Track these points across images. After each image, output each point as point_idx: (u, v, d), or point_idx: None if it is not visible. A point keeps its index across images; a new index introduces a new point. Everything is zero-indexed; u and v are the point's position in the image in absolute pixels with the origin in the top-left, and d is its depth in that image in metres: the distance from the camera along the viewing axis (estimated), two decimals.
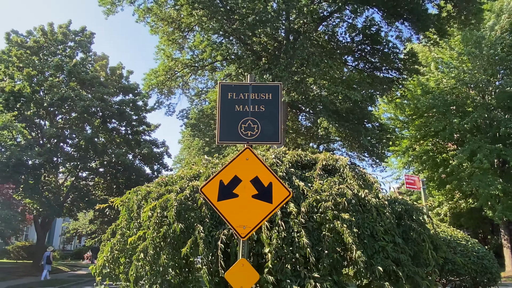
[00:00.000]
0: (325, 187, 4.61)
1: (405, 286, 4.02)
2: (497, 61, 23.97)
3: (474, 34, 23.86)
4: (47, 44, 26.75)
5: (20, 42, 25.80)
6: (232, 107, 4.02)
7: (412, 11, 20.26)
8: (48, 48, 26.87)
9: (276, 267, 3.90)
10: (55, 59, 25.75)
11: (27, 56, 25.12)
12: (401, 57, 23.08)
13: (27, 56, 25.14)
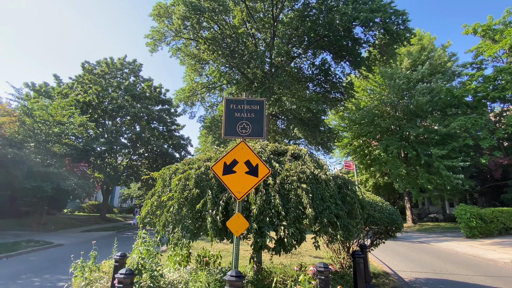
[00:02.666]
0: (292, 167, 4.61)
1: (340, 231, 4.06)
2: (402, 89, 24.25)
3: (388, 71, 24.13)
4: (109, 70, 26.25)
5: (90, 69, 25.33)
6: (233, 114, 4.01)
7: (351, 54, 20.32)
8: (110, 73, 26.39)
9: (259, 218, 3.91)
10: (115, 81, 25.35)
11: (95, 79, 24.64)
12: (344, 85, 23.21)
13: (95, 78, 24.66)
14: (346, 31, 18.46)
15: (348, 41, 19.51)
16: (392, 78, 24.23)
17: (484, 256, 11.08)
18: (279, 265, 5.88)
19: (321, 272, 3.40)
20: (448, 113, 24.84)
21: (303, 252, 9.89)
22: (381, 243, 6.82)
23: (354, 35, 19.15)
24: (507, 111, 24.22)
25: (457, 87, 25.76)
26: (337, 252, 6.86)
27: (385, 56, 19.86)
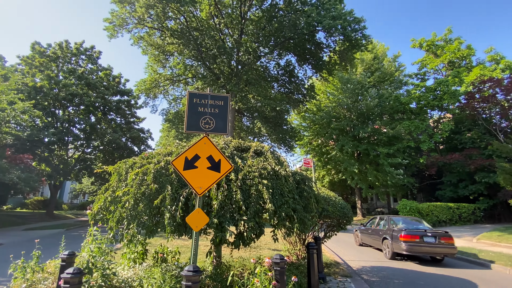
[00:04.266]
0: (254, 163, 4.65)
1: (297, 224, 4.22)
2: (356, 93, 25.86)
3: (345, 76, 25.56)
4: (63, 54, 23.75)
5: (41, 51, 22.63)
6: (196, 108, 3.90)
7: (314, 58, 21.09)
8: (64, 58, 23.88)
9: (219, 213, 3.89)
10: (69, 67, 23.03)
11: (47, 62, 22.14)
12: (306, 87, 24.01)
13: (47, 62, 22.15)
14: (310, 35, 19.08)
15: (311, 45, 20.20)
16: (348, 83, 25.72)
17: None
18: (239, 259, 5.93)
19: (277, 264, 3.50)
20: (396, 117, 27.17)
21: (262, 245, 10.09)
22: (334, 235, 7.25)
23: (317, 40, 19.89)
24: (443, 118, 27.24)
25: (403, 95, 28.28)
26: (293, 245, 7.12)
27: (344, 62, 20.97)
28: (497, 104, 21.58)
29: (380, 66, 27.77)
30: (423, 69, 31.60)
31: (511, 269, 7.68)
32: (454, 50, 29.11)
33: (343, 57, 20.18)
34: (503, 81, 21.46)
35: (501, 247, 11.12)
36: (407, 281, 6.54)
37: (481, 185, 20.99)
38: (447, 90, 24.82)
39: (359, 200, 30.37)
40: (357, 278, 6.32)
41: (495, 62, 27.56)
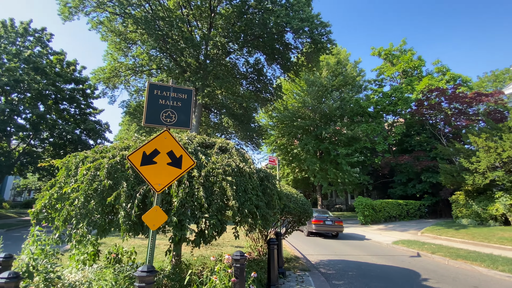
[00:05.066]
0: (219, 160, 4.57)
1: (260, 220, 4.24)
2: (320, 95, 26.95)
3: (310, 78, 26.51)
4: (6, 34, 20.98)
5: None
6: (157, 100, 3.69)
7: (282, 58, 21.39)
8: (8, 38, 21.09)
9: (180, 211, 3.74)
10: (14, 48, 20.41)
11: None
12: (274, 87, 24.31)
13: None
14: (279, 35, 19.32)
15: (280, 45, 20.45)
16: (313, 85, 26.70)
17: (373, 239, 13.34)
18: (199, 257, 5.80)
19: (237, 260, 3.48)
20: (355, 120, 28.84)
21: (225, 243, 10.03)
22: (295, 230, 7.46)
23: (286, 40, 20.20)
24: (397, 122, 29.56)
25: (363, 99, 30.13)
26: (256, 241, 7.19)
27: (310, 64, 21.58)
28: (441, 112, 24.00)
29: (343, 71, 29.20)
30: (381, 76, 34.00)
31: (434, 255, 8.67)
32: (407, 60, 31.75)
33: (310, 59, 20.74)
34: (447, 91, 23.92)
35: (441, 240, 12.43)
36: (360, 273, 6.98)
37: (426, 184, 23.24)
38: (401, 97, 27.01)
39: (319, 197, 31.71)
40: (315, 272, 6.58)
41: (442, 73, 30.64)
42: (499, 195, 14.05)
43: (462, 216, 15.82)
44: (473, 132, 17.37)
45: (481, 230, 12.75)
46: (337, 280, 6.27)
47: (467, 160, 15.34)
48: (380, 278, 6.51)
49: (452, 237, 12.38)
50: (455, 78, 29.00)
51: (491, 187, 14.96)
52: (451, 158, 19.67)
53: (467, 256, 8.49)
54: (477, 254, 8.86)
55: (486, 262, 7.64)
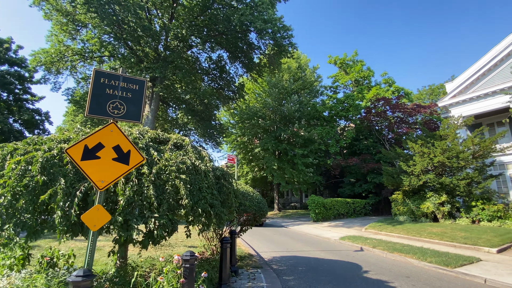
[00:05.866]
0: (173, 157, 4.36)
1: (213, 219, 4.16)
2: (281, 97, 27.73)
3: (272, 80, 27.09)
4: None
5: None
6: (103, 89, 3.36)
7: (245, 57, 21.41)
8: None
9: (126, 211, 3.48)
10: None
11: None
12: (236, 85, 24.21)
13: None
14: (242, 33, 19.28)
15: (243, 44, 20.43)
16: (274, 87, 27.33)
17: (322, 235, 14.09)
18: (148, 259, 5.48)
19: (187, 261, 3.36)
20: (311, 123, 30.25)
21: (178, 243, 9.68)
22: (249, 228, 7.51)
23: (249, 40, 20.24)
24: (348, 127, 31.72)
25: (319, 103, 31.72)
26: (210, 240, 7.06)
27: (273, 66, 22.00)
28: (386, 119, 26.41)
29: (302, 76, 30.37)
30: (336, 83, 36.16)
31: (374, 249, 9.54)
32: (358, 71, 34.29)
33: (272, 61, 21.12)
34: (392, 101, 26.40)
35: (382, 235, 13.64)
36: (309, 268, 7.31)
37: (371, 184, 25.37)
38: (352, 104, 29.06)
39: (276, 196, 32.55)
40: (267, 269, 6.70)
41: (388, 84, 33.70)
42: (430, 195, 15.94)
43: (399, 213, 17.60)
44: (411, 138, 19.44)
45: (415, 226, 14.32)
46: (288, 275, 6.47)
47: (405, 164, 17.12)
48: (327, 272, 6.90)
49: (390, 233, 13.69)
50: (398, 90, 32.17)
51: (424, 188, 16.91)
52: (393, 161, 21.77)
53: (402, 250, 9.45)
54: (410, 247, 9.91)
55: (417, 255, 8.59)
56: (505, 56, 17.98)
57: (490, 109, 18.36)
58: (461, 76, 20.17)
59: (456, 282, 6.17)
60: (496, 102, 17.85)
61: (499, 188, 18.05)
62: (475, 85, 19.41)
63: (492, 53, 18.58)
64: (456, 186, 14.90)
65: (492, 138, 15.21)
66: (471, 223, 13.91)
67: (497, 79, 18.25)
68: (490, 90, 18.08)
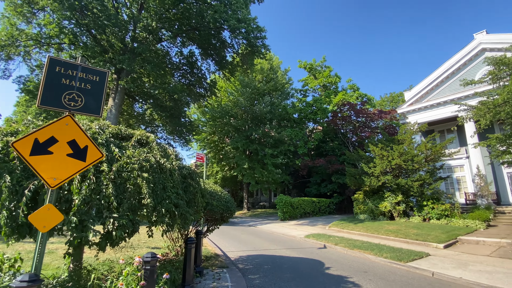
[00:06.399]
0: (136, 154, 4.16)
1: (178, 220, 4.05)
2: (253, 98, 27.92)
3: (245, 80, 27.16)
4: None
5: None
6: (58, 79, 3.09)
7: (218, 55, 21.14)
8: None
9: (81, 211, 3.25)
10: None
11: None
12: (208, 82, 23.79)
13: None
14: (216, 31, 19.02)
15: (216, 41, 20.15)
16: (247, 87, 27.41)
17: (289, 234, 14.42)
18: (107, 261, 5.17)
19: (148, 262, 3.23)
20: (282, 124, 30.82)
21: (141, 244, 9.27)
22: (216, 228, 7.43)
23: (222, 38, 20.03)
24: (316, 129, 32.85)
25: (289, 105, 32.44)
26: (175, 241, 6.86)
27: (245, 65, 21.99)
28: (351, 123, 27.81)
29: (274, 77, 30.81)
30: (306, 87, 37.28)
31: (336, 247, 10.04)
32: (326, 76, 35.71)
33: (245, 61, 21.10)
34: (356, 106, 27.85)
35: (344, 233, 14.33)
36: (274, 266, 7.43)
37: (336, 185, 26.53)
38: (320, 107, 30.17)
39: (246, 195, 32.62)
40: (233, 268, 6.69)
41: (353, 90, 35.49)
42: (387, 195, 17.10)
43: (360, 212, 18.63)
44: (373, 142, 20.69)
45: (373, 224, 15.27)
46: (253, 274, 6.52)
47: (367, 165, 18.17)
48: (291, 270, 7.07)
49: (352, 230, 14.44)
50: (362, 96, 34.07)
51: (383, 188, 18.10)
52: (356, 163, 22.97)
53: (361, 246, 10.02)
54: (369, 244, 10.54)
55: (375, 251, 9.16)
56: (455, 70, 19.91)
57: (441, 117, 20.20)
58: (418, 86, 21.94)
59: (408, 276, 6.69)
60: (446, 111, 19.69)
61: (447, 189, 19.95)
62: (429, 94, 21.23)
63: (444, 67, 20.46)
64: (410, 187, 16.16)
65: (442, 143, 16.76)
66: (423, 221, 15.18)
67: (448, 90, 20.16)
68: (442, 100, 19.90)
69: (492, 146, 12.78)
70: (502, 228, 13.03)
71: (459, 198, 19.19)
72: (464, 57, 19.46)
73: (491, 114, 11.18)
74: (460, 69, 19.74)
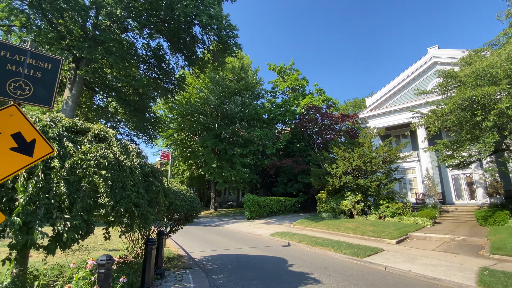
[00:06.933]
0: (92, 150, 3.89)
1: (137, 220, 3.88)
2: (224, 96, 27.71)
3: (216, 77, 26.86)
4: None
5: None
6: (3, 65, 2.77)
7: (188, 50, 20.56)
8: None
9: (27, 211, 2.95)
10: None
11: None
12: (176, 77, 23.02)
13: None
14: (186, 25, 18.49)
15: (187, 36, 19.57)
16: (218, 85, 27.09)
17: (255, 232, 14.54)
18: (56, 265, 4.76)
19: (102, 265, 3.04)
20: (252, 124, 30.98)
21: (97, 246, 8.68)
22: (180, 228, 7.23)
23: (193, 33, 19.53)
24: (284, 130, 33.58)
25: (260, 106, 32.75)
26: (135, 242, 6.54)
27: (217, 63, 21.66)
28: (316, 126, 28.88)
29: (245, 76, 30.85)
30: (275, 88, 37.91)
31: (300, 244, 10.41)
32: (295, 79, 36.72)
33: (216, 58, 20.78)
34: (322, 109, 28.99)
35: (307, 231, 14.84)
36: (239, 265, 7.45)
37: (301, 184, 27.37)
38: (289, 109, 30.91)
39: (213, 195, 32.22)
40: (196, 269, 6.57)
41: (319, 94, 36.92)
42: (348, 194, 18.07)
43: (323, 210, 19.44)
44: (336, 144, 21.71)
45: (335, 222, 16.03)
46: (217, 274, 6.47)
47: (330, 166, 19.03)
48: (255, 268, 7.14)
49: (315, 228, 15.02)
50: (328, 100, 35.60)
51: (344, 188, 19.09)
52: (320, 163, 23.92)
53: (323, 243, 10.46)
54: (329, 241, 11.04)
55: (335, 248, 9.62)
56: (411, 80, 21.68)
57: (398, 123, 21.87)
58: (378, 93, 23.50)
59: (364, 270, 7.14)
60: (402, 118, 21.37)
61: (400, 189, 21.66)
62: (388, 102, 22.85)
63: (401, 77, 22.18)
64: (368, 187, 17.26)
65: (398, 147, 18.15)
66: (379, 219, 16.30)
67: (404, 98, 21.88)
68: (398, 107, 21.55)
69: (440, 151, 14.17)
70: (446, 225, 14.51)
71: (411, 198, 20.96)
72: (419, 68, 21.28)
73: (439, 122, 12.38)
74: (415, 80, 21.55)
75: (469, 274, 6.44)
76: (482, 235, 11.08)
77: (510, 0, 11.21)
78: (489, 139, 10.30)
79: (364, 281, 6.11)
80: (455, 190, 19.61)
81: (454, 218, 16.05)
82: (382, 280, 6.26)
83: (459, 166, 14.03)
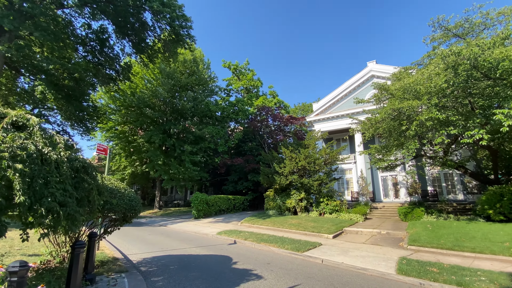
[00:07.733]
0: (7, 140, 3.31)
1: (63, 221, 3.43)
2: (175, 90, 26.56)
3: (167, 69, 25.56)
4: None
5: None
6: None
7: (136, 36, 19.03)
8: None
9: None
10: None
11: None
12: (121, 65, 21.08)
13: None
14: (136, 9, 17.11)
15: (136, 21, 18.07)
16: (169, 77, 25.77)
17: (201, 232, 14.24)
18: None
19: (14, 273, 2.62)
20: (204, 121, 30.28)
21: (14, 251, 7.46)
22: (117, 229, 6.65)
23: (143, 19, 18.15)
24: (237, 129, 33.65)
25: (213, 103, 32.21)
26: (61, 245, 5.78)
27: (168, 53, 20.45)
28: (268, 126, 29.67)
29: (196, 70, 29.97)
30: (230, 87, 37.79)
31: (245, 241, 10.61)
32: (249, 79, 37.14)
33: (167, 48, 19.62)
34: (274, 111, 29.88)
35: (254, 228, 15.11)
36: (181, 266, 7.19)
37: (251, 183, 27.79)
38: (242, 108, 31.08)
39: (158, 193, 30.57)
40: (133, 272, 6.12)
41: (272, 96, 38.03)
42: (293, 193, 18.98)
43: (270, 208, 20.06)
44: (285, 145, 22.61)
45: (280, 219, 16.68)
46: (157, 276, 6.13)
47: (278, 166, 19.74)
48: (199, 268, 6.99)
49: (261, 225, 15.40)
50: (280, 102, 36.91)
51: (290, 186, 19.99)
52: (270, 163, 24.62)
53: (268, 240, 10.78)
54: (274, 237, 11.43)
55: (278, 243, 10.00)
56: (352, 89, 23.77)
57: (339, 128, 23.80)
58: (323, 99, 25.21)
59: (303, 264, 7.56)
60: (343, 123, 23.31)
61: (339, 188, 23.61)
62: (331, 108, 24.69)
63: (344, 86, 24.17)
64: (311, 185, 18.40)
65: (338, 150, 19.74)
66: (319, 215, 17.50)
67: (345, 106, 23.90)
68: (340, 114, 23.45)
69: (372, 154, 15.86)
70: (375, 220, 16.30)
71: (347, 196, 23.02)
72: (359, 79, 23.48)
73: (373, 128, 13.85)
74: (356, 89, 23.73)
75: (390, 263, 7.34)
76: (403, 229, 12.75)
77: (434, 26, 13.11)
78: (412, 146, 11.90)
79: (303, 274, 6.48)
80: (383, 190, 22.18)
81: (381, 214, 18.15)
82: (318, 272, 6.72)
83: (387, 168, 15.89)
